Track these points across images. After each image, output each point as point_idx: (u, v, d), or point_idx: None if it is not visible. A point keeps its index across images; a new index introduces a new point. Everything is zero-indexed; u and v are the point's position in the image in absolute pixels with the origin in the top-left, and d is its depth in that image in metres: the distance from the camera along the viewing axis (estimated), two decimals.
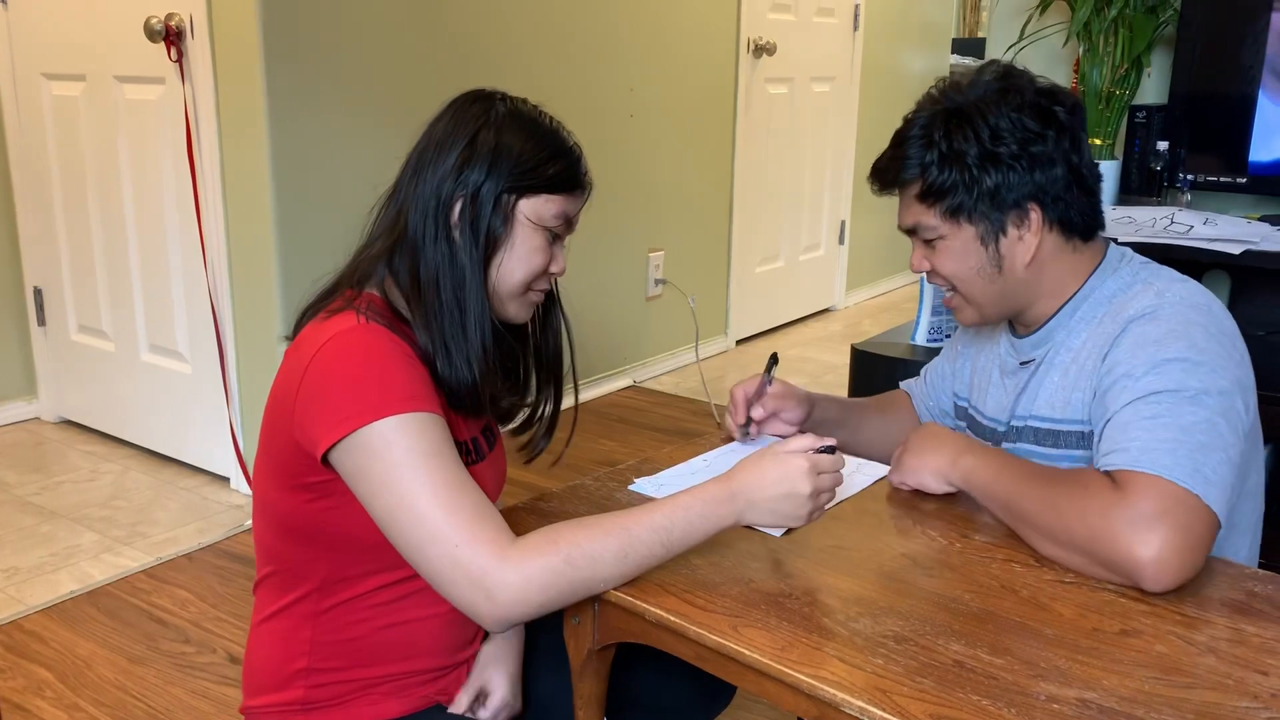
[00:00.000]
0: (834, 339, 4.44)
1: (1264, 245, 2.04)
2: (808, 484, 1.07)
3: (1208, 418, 1.08)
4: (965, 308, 1.31)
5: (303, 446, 1.07)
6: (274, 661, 1.19)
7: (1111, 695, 0.87)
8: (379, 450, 1.03)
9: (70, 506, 2.74)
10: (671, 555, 1.06)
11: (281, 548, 1.17)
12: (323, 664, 1.17)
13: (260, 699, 1.21)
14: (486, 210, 1.13)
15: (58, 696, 1.95)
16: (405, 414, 1.04)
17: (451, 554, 1.01)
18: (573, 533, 1.04)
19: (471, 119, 1.17)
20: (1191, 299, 1.18)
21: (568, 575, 1.02)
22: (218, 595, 2.31)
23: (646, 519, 1.05)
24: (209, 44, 2.55)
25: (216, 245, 2.67)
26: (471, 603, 1.02)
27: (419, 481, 1.02)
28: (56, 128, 3.04)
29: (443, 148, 1.16)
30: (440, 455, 1.04)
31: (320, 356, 1.06)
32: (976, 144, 1.21)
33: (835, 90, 4.62)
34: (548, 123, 1.21)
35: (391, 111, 2.76)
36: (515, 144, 1.15)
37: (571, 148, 1.20)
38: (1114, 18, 2.33)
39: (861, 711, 0.87)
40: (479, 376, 1.14)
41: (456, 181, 1.14)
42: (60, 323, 3.23)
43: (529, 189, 1.15)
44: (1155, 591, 1.02)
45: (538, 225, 1.16)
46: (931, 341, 2.35)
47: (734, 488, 1.08)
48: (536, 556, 1.01)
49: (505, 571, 1.00)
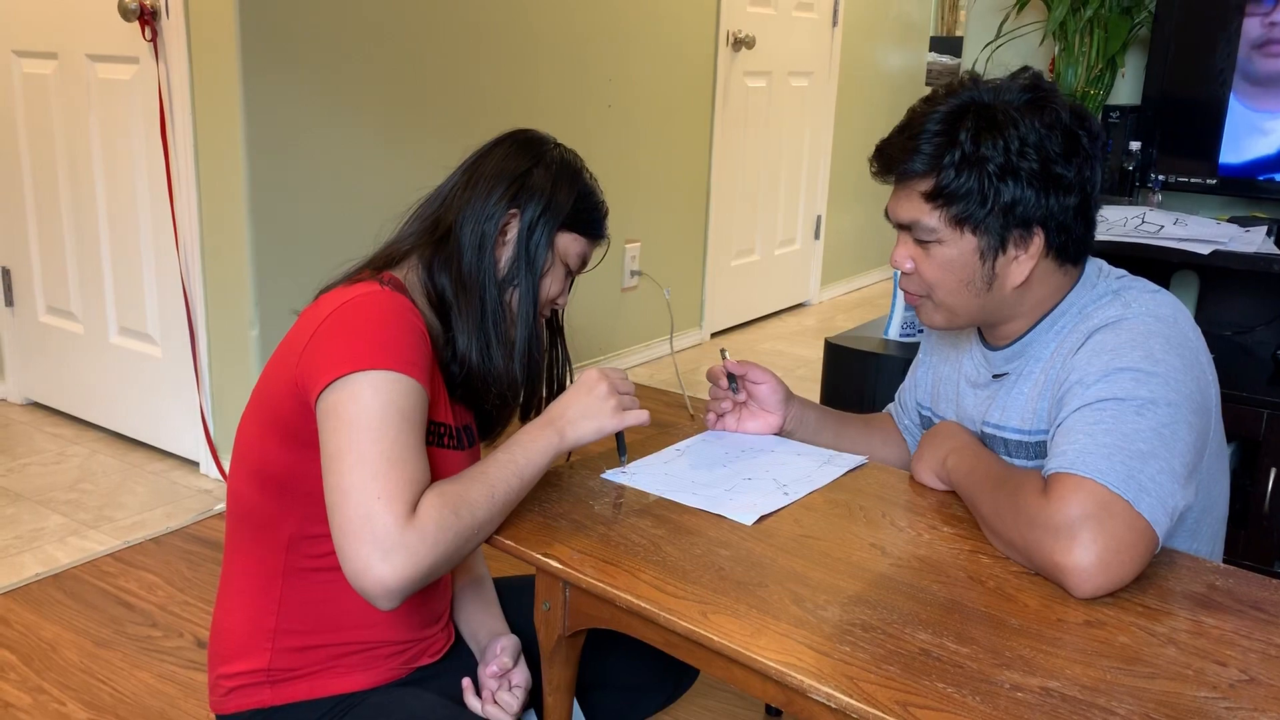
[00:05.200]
0: (808, 333, 4.46)
1: (1232, 246, 2.07)
2: (602, 382, 1.21)
3: (1152, 427, 1.07)
4: (936, 313, 1.27)
5: (300, 388, 1.14)
6: (243, 621, 1.23)
7: (1074, 684, 0.89)
8: (358, 395, 1.09)
9: (36, 489, 2.71)
10: (525, 487, 1.17)
11: (257, 499, 1.21)
12: (290, 625, 1.21)
13: (227, 666, 1.23)
14: (536, 236, 1.27)
15: (21, 679, 1.93)
16: (396, 373, 1.10)
17: (369, 507, 1.05)
18: (450, 486, 1.12)
19: (529, 155, 1.30)
20: (1156, 310, 1.17)
21: (454, 526, 1.08)
22: (185, 580, 2.29)
23: (497, 461, 1.16)
24: (184, 24, 2.52)
25: (189, 227, 2.65)
26: (367, 559, 1.03)
27: (377, 435, 1.08)
28: (27, 107, 3.00)
29: (500, 174, 1.28)
30: (407, 421, 1.10)
31: (342, 309, 1.15)
32: (1003, 154, 1.15)
33: (813, 85, 4.63)
34: (589, 176, 1.35)
35: (367, 94, 2.74)
36: (564, 186, 1.29)
37: (602, 203, 1.35)
38: (1089, 18, 2.36)
39: (828, 698, 0.88)
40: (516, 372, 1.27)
41: (510, 204, 1.26)
42: (28, 304, 3.19)
43: (565, 226, 1.29)
44: (1082, 597, 1.01)
45: (562, 260, 1.30)
46: (904, 336, 2.37)
47: (549, 416, 1.21)
48: (428, 512, 1.07)
49: (407, 533, 1.05)
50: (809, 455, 1.38)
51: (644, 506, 1.22)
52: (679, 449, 1.39)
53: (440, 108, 2.94)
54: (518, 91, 3.21)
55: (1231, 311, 2.41)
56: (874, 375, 2.28)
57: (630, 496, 1.25)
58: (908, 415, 1.51)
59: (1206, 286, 2.44)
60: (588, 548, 1.12)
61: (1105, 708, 0.85)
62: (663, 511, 1.20)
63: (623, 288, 3.80)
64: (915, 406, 1.49)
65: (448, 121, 2.98)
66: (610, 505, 1.22)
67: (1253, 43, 2.17)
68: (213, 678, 1.26)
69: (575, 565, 1.08)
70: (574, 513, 1.20)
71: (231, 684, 1.23)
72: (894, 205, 1.24)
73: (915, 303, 1.29)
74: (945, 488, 1.27)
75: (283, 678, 1.22)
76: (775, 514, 1.20)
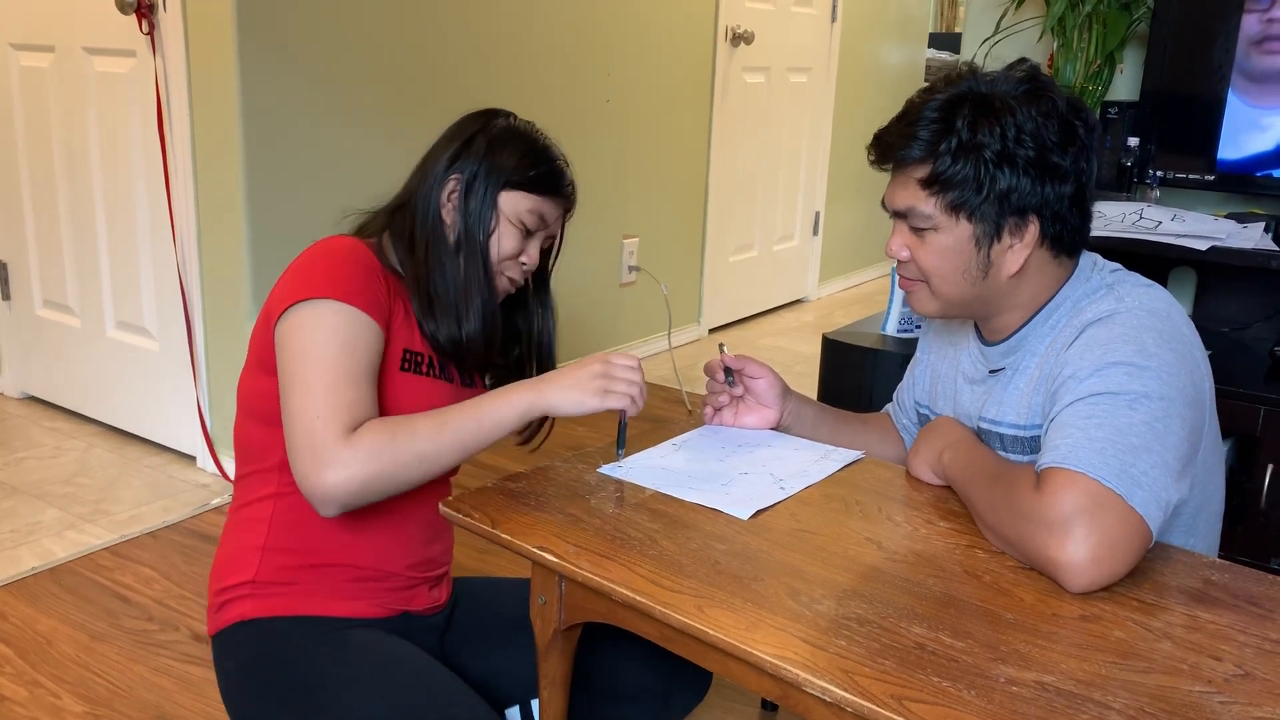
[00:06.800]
0: (806, 329, 4.46)
1: (1230, 242, 2.07)
2: (598, 363, 1.23)
3: (1145, 421, 1.07)
4: (930, 301, 1.27)
5: (269, 321, 1.25)
6: (236, 539, 1.33)
7: (1069, 678, 0.88)
8: (304, 323, 1.20)
9: (33, 483, 2.71)
10: (484, 434, 1.21)
11: (250, 430, 1.32)
12: (277, 543, 1.30)
13: (218, 583, 1.32)
14: (473, 196, 1.32)
15: (17, 672, 1.93)
16: (341, 303, 1.21)
17: (310, 424, 1.15)
18: (403, 417, 1.20)
19: (473, 124, 1.37)
20: (1150, 305, 1.17)
21: (389, 449, 1.16)
22: (182, 574, 2.29)
23: (461, 405, 1.22)
24: (181, 17, 2.52)
25: (186, 221, 2.65)
26: (305, 470, 1.15)
27: (323, 361, 1.18)
28: (24, 99, 3.00)
29: (447, 144, 1.37)
30: (350, 348, 1.20)
31: (303, 253, 1.29)
32: (999, 140, 1.16)
33: (812, 81, 4.62)
34: (538, 136, 1.38)
35: (364, 87, 2.74)
36: (504, 147, 1.34)
37: (554, 157, 1.37)
38: (1088, 13, 2.36)
39: (824, 692, 0.88)
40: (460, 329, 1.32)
41: (449, 169, 1.34)
42: (25, 297, 3.18)
43: (508, 185, 1.33)
44: (1075, 592, 1.01)
45: (512, 219, 1.33)
46: (902, 332, 2.37)
47: (537, 379, 1.25)
48: (366, 435, 1.16)
49: (341, 449, 1.14)
50: (806, 450, 1.38)
51: (640, 501, 1.22)
52: (676, 443, 1.39)
53: (437, 102, 2.93)
54: (516, 86, 3.20)
55: (1229, 307, 2.41)
56: (872, 371, 2.28)
57: (627, 491, 1.25)
58: (906, 414, 1.51)
59: (1204, 283, 2.44)
60: (584, 541, 1.11)
61: (1100, 702, 0.85)
62: (659, 505, 1.20)
63: (621, 283, 3.80)
64: (913, 405, 1.48)
65: (445, 115, 2.95)
66: (606, 499, 1.22)
67: (1251, 39, 2.17)
68: (210, 602, 1.34)
69: (571, 559, 1.08)
70: (570, 507, 1.20)
71: (221, 599, 1.31)
72: (890, 193, 1.25)
73: (909, 288, 1.28)
74: (941, 483, 1.27)
75: (266, 592, 1.29)
76: (771, 508, 1.20)
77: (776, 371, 1.45)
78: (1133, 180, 2.38)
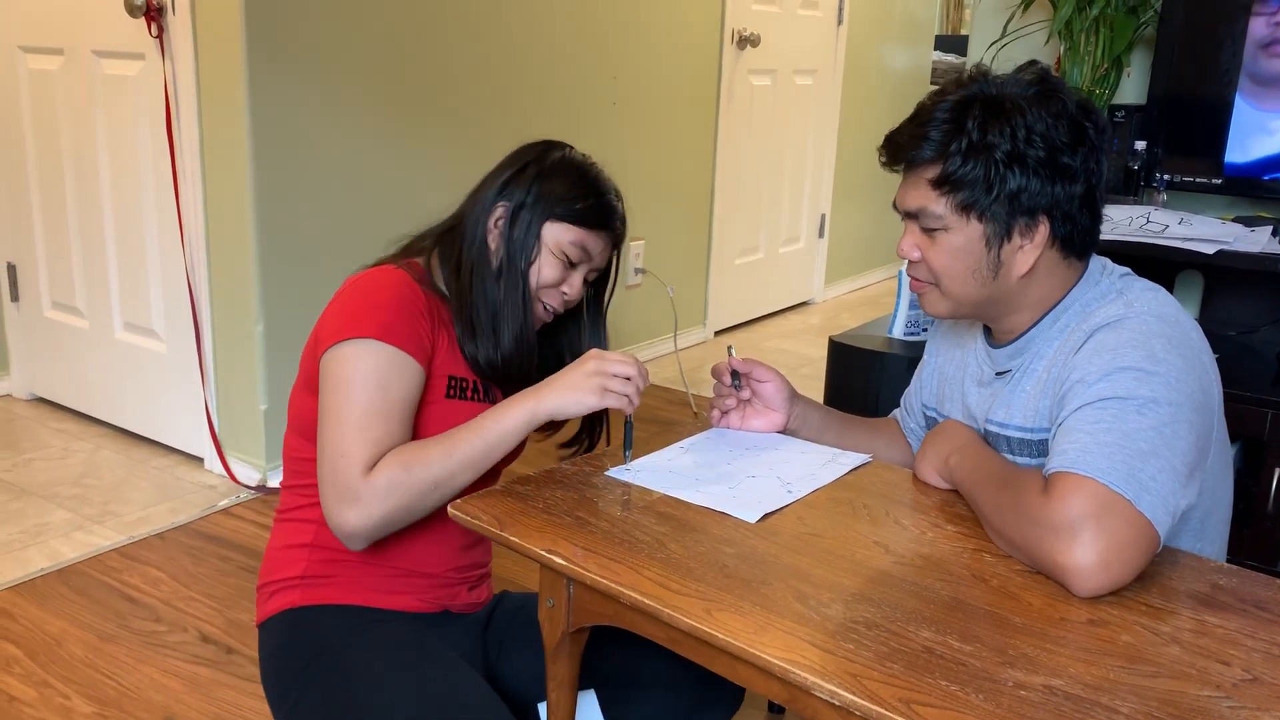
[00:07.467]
0: (812, 332, 4.46)
1: (1237, 246, 2.07)
2: (593, 360, 1.25)
3: (1153, 425, 1.07)
4: (940, 301, 1.27)
5: (317, 348, 1.29)
6: (284, 540, 1.38)
7: (1077, 683, 0.89)
8: (344, 360, 1.24)
9: (41, 484, 2.72)
10: (491, 449, 1.25)
11: (298, 443, 1.37)
12: (324, 541, 1.34)
13: (267, 577, 1.38)
14: (518, 224, 1.35)
15: (27, 673, 1.93)
16: (381, 342, 1.25)
17: (335, 460, 1.21)
18: (415, 445, 1.24)
19: (529, 153, 1.39)
20: (1158, 310, 1.17)
21: (405, 482, 1.21)
22: (190, 575, 2.30)
23: (468, 424, 1.25)
24: (190, 20, 2.53)
25: (194, 223, 2.65)
26: (330, 505, 1.21)
27: (356, 398, 1.23)
28: (33, 102, 3.01)
29: (503, 169, 1.39)
30: (385, 388, 1.24)
31: (349, 284, 1.32)
32: (1010, 141, 1.17)
33: (818, 83, 4.63)
34: (590, 169, 1.40)
35: (372, 92, 2.75)
36: (554, 178, 1.36)
37: (604, 192, 1.39)
38: (1095, 17, 2.35)
39: (832, 695, 0.88)
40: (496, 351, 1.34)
41: (499, 195, 1.36)
42: (34, 299, 3.19)
43: (553, 216, 1.35)
44: (1083, 596, 1.01)
45: (554, 250, 1.36)
46: (909, 335, 2.37)
47: (535, 387, 1.26)
48: (383, 470, 1.21)
49: (361, 486, 1.20)
50: (813, 453, 1.38)
51: (648, 504, 1.22)
52: (683, 446, 1.40)
53: (445, 105, 2.94)
54: (523, 90, 3.21)
55: (1236, 311, 2.41)
56: (878, 374, 2.28)
57: (634, 494, 1.25)
58: (913, 418, 1.51)
59: (1211, 286, 2.44)
60: (592, 544, 1.12)
61: (1108, 706, 0.85)
62: (667, 509, 1.20)
63: (626, 285, 3.80)
64: (921, 408, 1.48)
65: (452, 119, 2.98)
66: (614, 502, 1.23)
67: (1259, 42, 2.17)
68: (258, 595, 1.39)
69: (579, 562, 1.08)
70: (578, 509, 1.20)
71: (269, 591, 1.36)
72: (902, 194, 1.26)
73: (920, 289, 1.29)
74: (948, 486, 1.27)
75: (314, 583, 1.34)
76: (779, 512, 1.20)
77: (783, 375, 1.45)
78: (1140, 184, 2.38)
